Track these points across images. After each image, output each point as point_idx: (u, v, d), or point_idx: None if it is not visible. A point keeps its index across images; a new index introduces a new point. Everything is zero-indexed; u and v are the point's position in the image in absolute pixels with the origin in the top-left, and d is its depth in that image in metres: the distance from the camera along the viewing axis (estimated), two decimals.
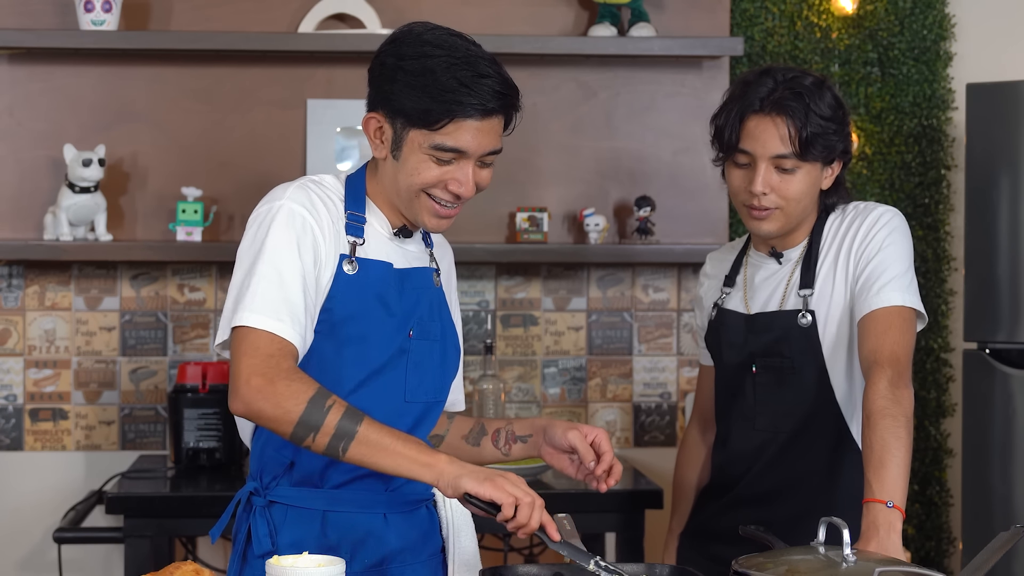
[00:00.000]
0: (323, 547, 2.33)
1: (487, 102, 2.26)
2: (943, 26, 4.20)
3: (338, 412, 2.18)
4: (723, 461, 2.81)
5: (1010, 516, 3.71)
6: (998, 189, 3.77)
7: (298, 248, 2.28)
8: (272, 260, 2.26)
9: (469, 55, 2.27)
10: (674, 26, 4.07)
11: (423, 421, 2.43)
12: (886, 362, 2.51)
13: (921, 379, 4.19)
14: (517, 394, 4.13)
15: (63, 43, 3.84)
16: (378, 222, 2.40)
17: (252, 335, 2.23)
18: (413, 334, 2.38)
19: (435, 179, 2.30)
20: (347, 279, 2.33)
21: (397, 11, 4.01)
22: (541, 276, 4.13)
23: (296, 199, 2.32)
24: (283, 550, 2.32)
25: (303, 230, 2.30)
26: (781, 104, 2.61)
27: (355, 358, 2.33)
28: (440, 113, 2.25)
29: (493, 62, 2.29)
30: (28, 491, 3.99)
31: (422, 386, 2.41)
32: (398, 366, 2.37)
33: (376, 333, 2.35)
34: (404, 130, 2.29)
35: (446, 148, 2.27)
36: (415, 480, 2.19)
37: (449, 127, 2.26)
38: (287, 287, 2.25)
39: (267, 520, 2.35)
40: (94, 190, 3.82)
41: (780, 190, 2.63)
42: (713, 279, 2.89)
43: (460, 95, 2.24)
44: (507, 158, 4.12)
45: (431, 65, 2.26)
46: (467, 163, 2.30)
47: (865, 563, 2.10)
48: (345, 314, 2.32)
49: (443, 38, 2.29)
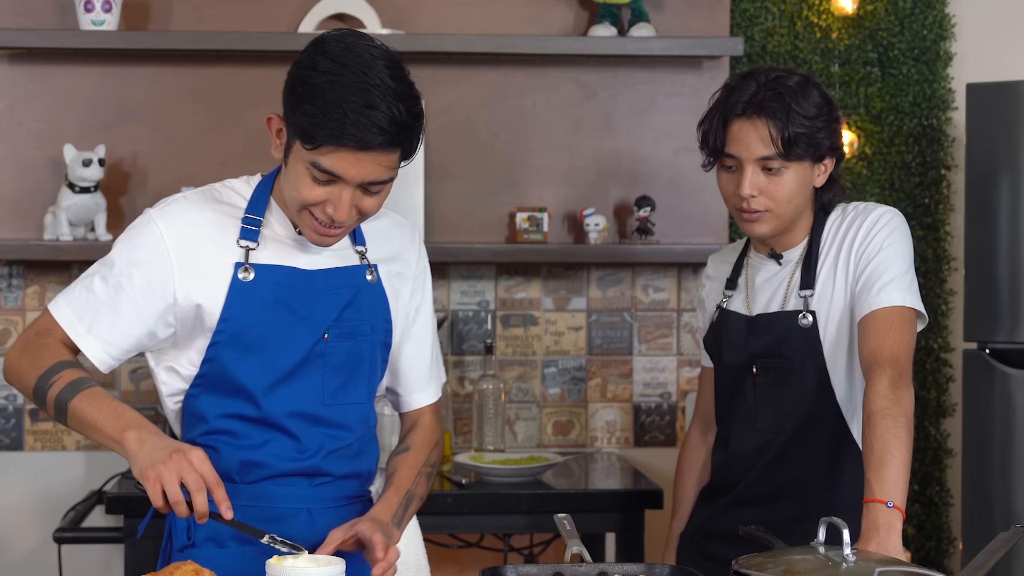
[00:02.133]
0: (241, 540, 2.32)
1: (366, 135, 2.17)
2: (943, 26, 4.20)
3: (59, 387, 2.25)
4: (723, 462, 2.81)
5: (1010, 516, 3.71)
6: (998, 189, 3.77)
7: (133, 265, 2.32)
8: (104, 270, 2.34)
9: (370, 83, 2.17)
10: (674, 26, 4.07)
11: (354, 422, 2.42)
12: (886, 362, 2.50)
13: (921, 379, 4.19)
14: (517, 394, 4.13)
15: (63, 43, 3.84)
16: (280, 223, 2.38)
17: (45, 316, 2.35)
18: (329, 336, 2.36)
19: (313, 199, 2.25)
20: (242, 286, 2.32)
21: (397, 11, 4.01)
22: (541, 276, 4.13)
23: (164, 213, 2.35)
24: (200, 544, 2.34)
25: (146, 247, 2.33)
26: (762, 106, 2.61)
27: (260, 365, 2.33)
28: (319, 136, 2.19)
29: (393, 95, 2.19)
30: (28, 491, 3.99)
31: (344, 390, 2.39)
32: (313, 370, 2.36)
33: (280, 338, 2.34)
34: (292, 138, 2.25)
35: (321, 168, 2.22)
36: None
37: (325, 149, 2.20)
38: (101, 300, 2.32)
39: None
40: (94, 190, 3.82)
41: (768, 192, 2.63)
42: (715, 281, 2.89)
43: (340, 123, 2.16)
44: (507, 158, 4.14)
45: (326, 84, 2.18)
46: (345, 188, 2.24)
47: (865, 563, 2.10)
48: (244, 321, 2.32)
49: (362, 59, 2.20)
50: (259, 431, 2.35)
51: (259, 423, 2.34)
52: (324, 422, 2.38)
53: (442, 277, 4.03)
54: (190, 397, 2.37)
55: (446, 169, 4.05)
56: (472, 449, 3.97)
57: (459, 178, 4.07)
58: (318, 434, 2.38)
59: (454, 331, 4.06)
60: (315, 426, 2.37)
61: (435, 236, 4.01)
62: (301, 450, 2.36)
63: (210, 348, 2.33)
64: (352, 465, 2.43)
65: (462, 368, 4.09)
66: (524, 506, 3.53)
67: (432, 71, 4.02)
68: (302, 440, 2.36)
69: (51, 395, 2.25)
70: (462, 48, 3.90)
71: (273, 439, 2.35)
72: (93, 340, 2.32)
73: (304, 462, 2.36)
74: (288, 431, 2.36)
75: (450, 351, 4.07)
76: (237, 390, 2.34)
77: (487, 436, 3.90)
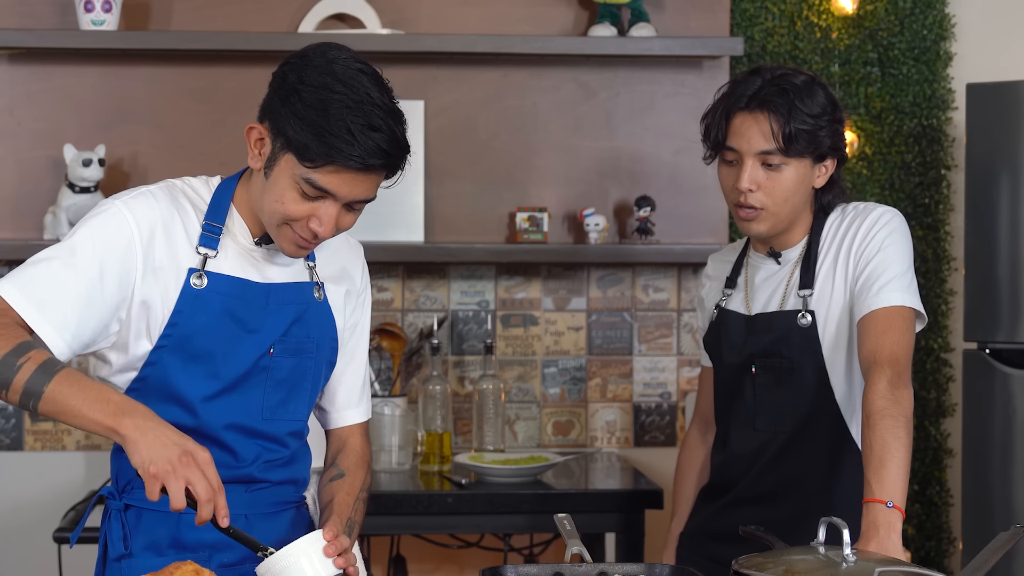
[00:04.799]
0: (179, 547, 2.30)
1: (368, 157, 2.15)
2: (943, 26, 4.20)
3: (29, 369, 2.09)
4: (723, 462, 2.81)
5: (1010, 516, 3.71)
6: (998, 189, 3.77)
7: (102, 256, 2.22)
8: (66, 256, 2.20)
9: (368, 101, 2.15)
10: (674, 26, 4.07)
11: (290, 439, 2.39)
12: (885, 362, 2.51)
13: (921, 379, 4.19)
14: (517, 394, 4.13)
15: (63, 43, 3.84)
16: (240, 232, 2.33)
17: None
18: (274, 351, 2.33)
19: (298, 214, 2.22)
20: (194, 293, 2.27)
21: (397, 11, 4.01)
22: (541, 276, 4.13)
23: (132, 207, 2.26)
24: (137, 553, 2.31)
25: (117, 240, 2.23)
26: (765, 101, 2.61)
27: (202, 374, 2.29)
28: (319, 154, 2.16)
29: (391, 115, 2.18)
30: (28, 491, 3.99)
31: (284, 405, 2.36)
32: (255, 384, 2.33)
33: (225, 349, 2.30)
34: (281, 152, 2.21)
35: (315, 185, 2.19)
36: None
37: (325, 169, 2.18)
38: (65, 287, 2.19)
39: (121, 523, 2.33)
40: (94, 190, 3.82)
41: (767, 188, 2.64)
42: (715, 280, 2.89)
43: (343, 143, 2.14)
44: (507, 158, 4.14)
45: (327, 101, 2.15)
46: (333, 205, 2.21)
47: (865, 563, 2.10)
48: (192, 329, 2.27)
49: (350, 75, 2.17)
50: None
51: (194, 433, 2.25)
52: (261, 435, 2.35)
53: (442, 277, 4.03)
54: None
55: (446, 169, 4.05)
56: (472, 449, 3.96)
57: (459, 178, 4.07)
58: (254, 446, 2.34)
59: (454, 331, 4.06)
60: (251, 439, 2.34)
61: (435, 236, 4.01)
62: (236, 461, 2.33)
63: (153, 352, 2.27)
64: (287, 472, 2.40)
65: (462, 368, 4.09)
66: (524, 506, 3.53)
67: (432, 71, 4.02)
68: (237, 452, 2.33)
69: (19, 379, 2.09)
70: (462, 48, 3.90)
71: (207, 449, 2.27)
72: (51, 328, 2.17)
73: (239, 470, 2.33)
74: (223, 443, 2.31)
75: (450, 351, 4.07)
76: (173, 398, 2.28)
77: (487, 436, 3.90)
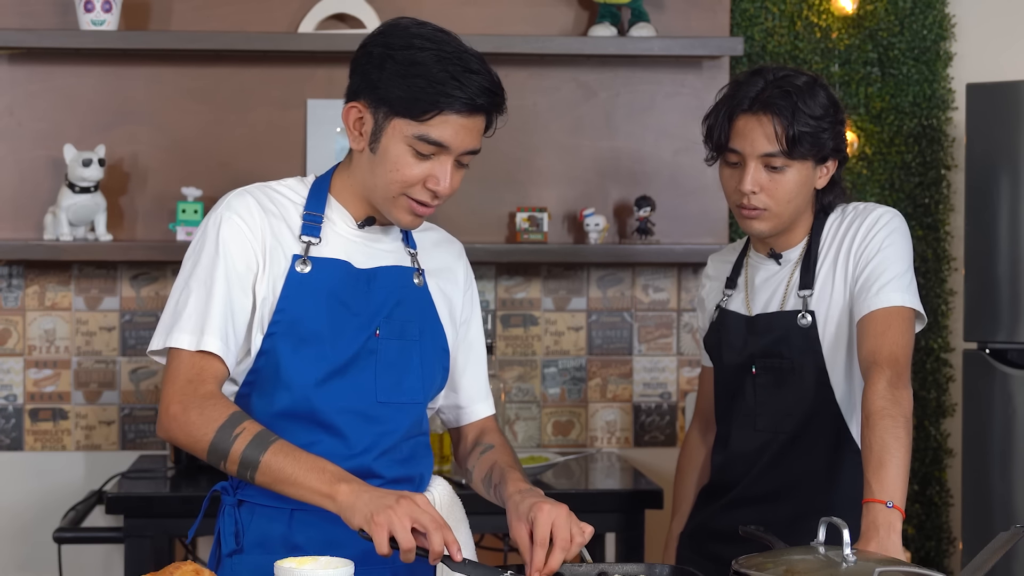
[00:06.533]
0: (289, 546, 2.31)
1: (475, 97, 2.24)
2: (943, 26, 4.20)
3: (244, 440, 2.19)
4: (723, 462, 2.81)
5: (1010, 516, 3.71)
6: (998, 189, 3.77)
7: (230, 260, 2.30)
8: (203, 277, 2.29)
9: (459, 50, 2.26)
10: (674, 26, 4.07)
11: (403, 422, 2.40)
12: (885, 362, 2.51)
13: (921, 379, 4.19)
14: (517, 394, 4.13)
15: (63, 43, 3.84)
16: (341, 219, 2.38)
17: (177, 358, 2.27)
18: (380, 333, 2.36)
19: (416, 177, 2.28)
20: (299, 278, 2.32)
21: (397, 11, 4.00)
22: (541, 276, 4.13)
23: (233, 207, 2.33)
24: (248, 549, 2.32)
25: (235, 240, 2.31)
26: (769, 103, 2.61)
27: (313, 357, 2.32)
28: (428, 104, 2.23)
29: (482, 60, 2.27)
30: (28, 491, 3.99)
31: (398, 387, 2.38)
32: (365, 366, 2.35)
33: (332, 332, 2.33)
34: (386, 120, 2.26)
35: (429, 140, 2.25)
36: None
37: (436, 119, 2.24)
38: (215, 303, 2.28)
39: (235, 519, 2.35)
40: (94, 190, 3.82)
41: (769, 190, 2.64)
42: (715, 280, 2.89)
43: (449, 88, 2.22)
44: (507, 158, 4.14)
45: (421, 57, 2.24)
46: (447, 159, 2.28)
47: (865, 563, 2.10)
48: (299, 313, 2.31)
49: (432, 33, 2.28)
50: (306, 431, 2.31)
51: (307, 420, 2.31)
52: (375, 420, 2.35)
53: None
54: (240, 398, 2.35)
55: None
56: None
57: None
58: (368, 433, 2.35)
59: None
60: (365, 424, 2.34)
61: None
62: (349, 449, 2.33)
63: (265, 340, 2.31)
64: (403, 469, 2.40)
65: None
66: None
67: None
68: (350, 439, 2.33)
69: (235, 449, 2.18)
70: None
71: (319, 441, 2.31)
72: (222, 344, 2.28)
73: (353, 461, 2.32)
74: (336, 429, 2.32)
75: None
76: (286, 385, 2.31)
77: None
